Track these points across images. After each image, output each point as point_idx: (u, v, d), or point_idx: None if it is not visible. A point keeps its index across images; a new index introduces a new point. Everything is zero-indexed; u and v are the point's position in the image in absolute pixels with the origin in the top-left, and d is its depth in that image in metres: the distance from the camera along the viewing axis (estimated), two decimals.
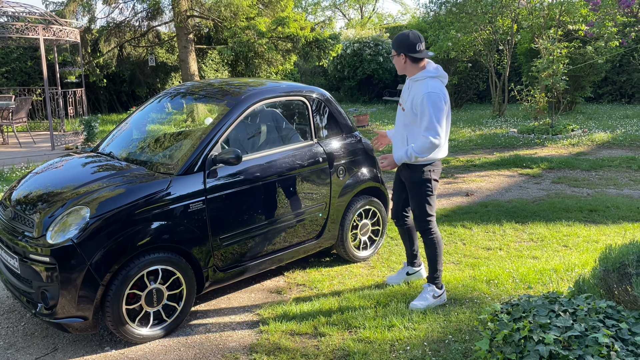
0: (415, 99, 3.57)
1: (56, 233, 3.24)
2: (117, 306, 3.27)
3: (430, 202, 3.77)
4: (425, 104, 3.50)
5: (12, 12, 11.05)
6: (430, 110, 3.49)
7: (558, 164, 8.70)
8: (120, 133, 4.47)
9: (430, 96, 3.50)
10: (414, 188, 3.78)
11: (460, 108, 18.19)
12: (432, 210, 3.80)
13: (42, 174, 4.03)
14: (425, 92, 3.51)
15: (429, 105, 3.49)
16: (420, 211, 3.79)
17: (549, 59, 11.44)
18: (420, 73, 3.64)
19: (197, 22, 17.18)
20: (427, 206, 3.77)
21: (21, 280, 3.42)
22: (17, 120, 11.26)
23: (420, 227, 3.82)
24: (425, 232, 3.81)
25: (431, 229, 3.80)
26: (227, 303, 4.06)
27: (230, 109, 3.90)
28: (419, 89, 3.58)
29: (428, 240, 3.82)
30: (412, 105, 3.61)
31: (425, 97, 3.50)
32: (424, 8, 18.46)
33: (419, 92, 3.56)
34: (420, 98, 3.52)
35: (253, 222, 3.91)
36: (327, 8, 35.87)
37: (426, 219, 3.78)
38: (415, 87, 3.64)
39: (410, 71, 3.68)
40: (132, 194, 3.37)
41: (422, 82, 3.60)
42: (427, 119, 3.51)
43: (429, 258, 3.86)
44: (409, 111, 3.66)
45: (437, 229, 3.85)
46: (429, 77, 3.60)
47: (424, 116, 3.53)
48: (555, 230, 5.48)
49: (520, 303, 2.95)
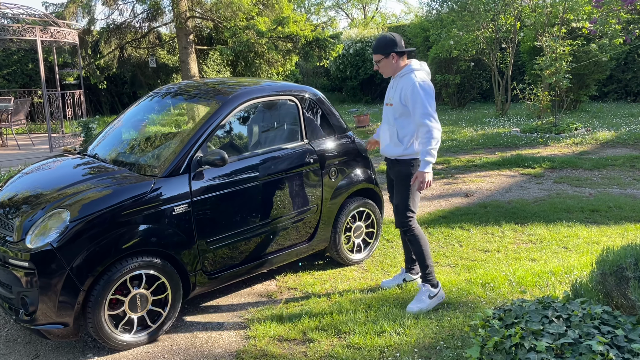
0: (405, 90, 3.62)
1: (36, 237, 3.15)
2: (99, 312, 3.18)
3: (414, 197, 3.76)
4: (417, 92, 3.55)
5: (10, 14, 11.03)
6: (422, 97, 3.54)
7: (560, 163, 8.56)
8: (108, 134, 4.39)
9: (420, 85, 3.57)
10: (400, 181, 3.77)
11: (463, 107, 18.03)
12: (414, 206, 3.77)
13: (28, 176, 3.96)
14: (415, 81, 3.58)
15: (421, 92, 3.54)
16: (403, 206, 3.75)
17: (552, 57, 11.28)
18: (405, 68, 3.72)
19: (198, 23, 17.13)
20: (410, 201, 3.75)
21: (2, 285, 3.34)
22: (16, 122, 11.22)
23: (401, 222, 3.79)
24: (406, 229, 3.79)
25: (411, 225, 3.77)
26: (216, 307, 3.96)
27: (217, 109, 3.81)
28: (406, 81, 3.64)
29: (410, 237, 3.80)
30: (401, 97, 3.65)
31: (416, 86, 3.56)
32: (426, 6, 18.27)
33: (407, 83, 3.62)
34: (411, 88, 3.57)
35: (241, 225, 3.82)
36: (330, 8, 35.76)
37: (406, 214, 3.75)
38: (402, 81, 3.70)
39: (397, 68, 3.74)
40: (113, 196, 3.28)
41: (408, 75, 3.67)
42: (420, 105, 3.54)
43: (416, 255, 3.82)
44: (397, 105, 3.71)
45: (417, 225, 3.82)
46: (414, 70, 3.68)
47: (416, 104, 3.56)
48: (555, 231, 5.36)
49: (513, 308, 2.84)
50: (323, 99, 4.50)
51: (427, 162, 3.54)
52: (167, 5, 17.01)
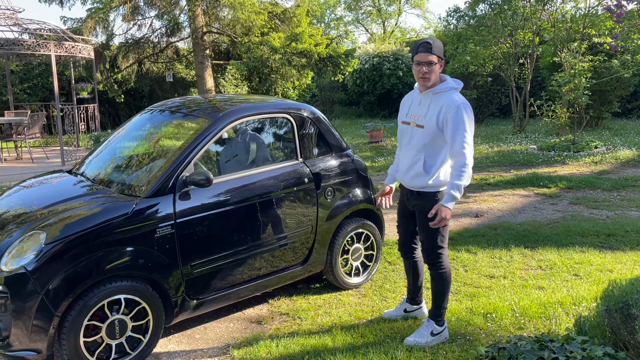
0: (445, 113, 3.13)
1: (12, 259, 3.05)
2: (74, 338, 3.05)
3: (443, 233, 3.36)
4: (460, 118, 3.09)
5: (30, 30, 11.19)
6: (466, 124, 3.10)
7: (578, 183, 8.24)
8: (100, 153, 4.30)
9: (466, 108, 3.12)
10: (425, 217, 3.30)
11: (481, 123, 17.72)
12: (444, 242, 3.38)
13: (17, 193, 3.88)
14: (460, 104, 3.12)
15: (465, 118, 3.10)
16: (432, 243, 3.37)
17: (571, 73, 10.99)
18: (444, 84, 3.22)
19: (215, 38, 17.23)
20: (440, 237, 3.35)
21: None
22: (31, 135, 11.33)
23: (430, 260, 3.42)
24: (436, 265, 3.41)
25: (442, 262, 3.40)
26: (203, 333, 3.81)
27: (205, 126, 3.68)
28: (447, 101, 3.16)
29: (437, 274, 3.43)
30: (439, 120, 3.16)
31: (461, 109, 3.10)
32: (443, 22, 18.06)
33: (449, 104, 3.13)
34: (454, 111, 3.10)
35: (229, 247, 3.67)
36: (350, 23, 35.82)
37: (437, 252, 3.38)
38: (441, 100, 3.20)
39: (437, 81, 3.24)
40: (93, 218, 3.16)
41: (449, 94, 3.19)
42: (461, 133, 3.08)
43: (435, 293, 3.49)
44: (432, 128, 3.19)
45: (448, 263, 3.44)
46: (455, 89, 3.22)
47: (457, 131, 3.09)
48: (566, 256, 5.09)
49: (507, 347, 2.63)
50: (320, 117, 4.35)
51: (452, 197, 3.10)
52: (185, 21, 17.18)
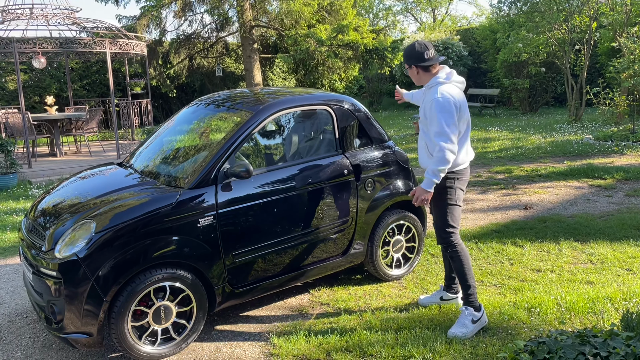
0: (426, 105, 3.55)
1: (64, 247, 3.23)
2: (122, 323, 3.21)
3: (452, 212, 3.59)
4: (433, 110, 3.42)
5: (87, 28, 11.68)
6: (439, 116, 3.39)
7: (635, 174, 7.87)
8: (148, 145, 4.46)
9: (437, 101, 3.42)
10: (436, 196, 3.61)
11: (535, 112, 17.14)
12: (454, 221, 3.60)
13: (73, 184, 4.08)
14: (434, 97, 3.45)
15: (437, 110, 3.40)
16: (442, 221, 3.61)
17: (630, 59, 10.45)
18: (432, 80, 3.58)
19: (263, 32, 17.43)
20: (449, 216, 3.59)
21: (37, 293, 3.45)
22: (89, 130, 11.86)
23: (441, 239, 3.65)
24: (447, 244, 3.62)
25: (453, 241, 3.60)
26: (245, 320, 3.91)
27: (247, 119, 3.76)
28: (429, 95, 3.53)
29: (451, 253, 3.61)
30: (424, 112, 3.58)
31: (434, 103, 3.43)
32: (495, 8, 17.50)
33: (428, 98, 3.53)
34: (430, 104, 3.46)
35: (269, 238, 3.74)
36: (399, 12, 35.33)
37: (446, 230, 3.59)
38: (427, 94, 3.59)
39: (424, 80, 3.63)
40: (139, 208, 3.30)
41: (433, 88, 3.55)
42: (436, 124, 3.41)
43: (457, 273, 3.62)
44: (423, 118, 3.64)
45: (460, 241, 3.63)
46: (438, 83, 3.51)
47: (432, 122, 3.45)
48: (619, 250, 4.88)
49: (547, 341, 2.56)
50: (361, 109, 4.35)
51: (430, 182, 3.43)
52: (234, 15, 17.45)
